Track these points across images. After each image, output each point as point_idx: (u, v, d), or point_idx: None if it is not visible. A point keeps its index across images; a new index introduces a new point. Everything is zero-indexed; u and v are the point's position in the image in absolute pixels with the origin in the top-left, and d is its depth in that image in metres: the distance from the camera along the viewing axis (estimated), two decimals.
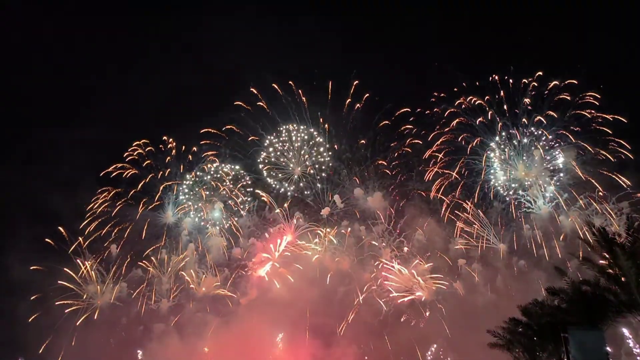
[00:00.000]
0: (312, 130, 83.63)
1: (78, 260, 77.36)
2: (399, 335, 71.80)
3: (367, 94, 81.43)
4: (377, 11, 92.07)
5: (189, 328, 75.15)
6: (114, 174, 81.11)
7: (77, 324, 74.42)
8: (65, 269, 76.05)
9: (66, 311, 74.71)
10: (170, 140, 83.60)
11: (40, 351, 72.28)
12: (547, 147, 75.46)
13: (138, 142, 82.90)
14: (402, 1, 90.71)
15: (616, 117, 70.75)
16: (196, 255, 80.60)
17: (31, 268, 72.81)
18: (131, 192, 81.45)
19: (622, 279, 32.12)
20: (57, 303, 74.30)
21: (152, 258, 79.85)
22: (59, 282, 75.23)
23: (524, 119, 76.22)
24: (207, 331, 74.20)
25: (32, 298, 72.38)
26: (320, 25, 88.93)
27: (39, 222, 74.62)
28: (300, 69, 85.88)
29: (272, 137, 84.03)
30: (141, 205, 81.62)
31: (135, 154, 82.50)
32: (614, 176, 70.37)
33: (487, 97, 77.34)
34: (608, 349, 31.76)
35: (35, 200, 75.76)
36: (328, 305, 74.02)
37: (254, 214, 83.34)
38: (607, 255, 32.76)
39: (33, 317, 71.84)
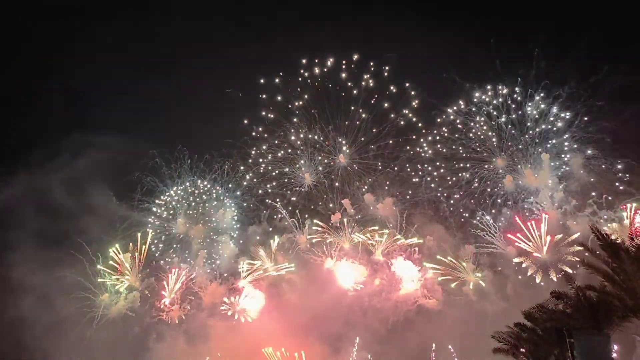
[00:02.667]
0: (322, 138, 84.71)
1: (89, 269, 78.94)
2: (409, 342, 71.92)
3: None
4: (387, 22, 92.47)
5: (198, 336, 75.87)
6: (128, 180, 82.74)
7: (89, 332, 75.97)
8: (80, 277, 77.74)
9: (83, 320, 76.40)
10: (185, 149, 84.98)
11: None
12: (555, 154, 75.76)
13: (152, 150, 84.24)
14: (409, 12, 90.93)
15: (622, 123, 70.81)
16: (206, 264, 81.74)
17: (44, 276, 73.71)
18: (145, 200, 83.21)
19: (628, 283, 32.19)
20: (69, 311, 75.60)
21: (166, 266, 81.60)
22: (72, 291, 76.66)
23: (533, 128, 76.74)
24: (216, 338, 74.86)
25: (44, 306, 72.72)
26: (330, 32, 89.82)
27: (53, 229, 75.26)
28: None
29: (283, 146, 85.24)
30: (154, 213, 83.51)
31: (149, 162, 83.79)
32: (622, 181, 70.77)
33: (494, 100, 78.05)
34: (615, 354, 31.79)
35: (49, 206, 76.78)
36: (337, 312, 74.61)
37: (265, 222, 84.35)
38: (611, 260, 32.87)
39: (44, 324, 72.28)
